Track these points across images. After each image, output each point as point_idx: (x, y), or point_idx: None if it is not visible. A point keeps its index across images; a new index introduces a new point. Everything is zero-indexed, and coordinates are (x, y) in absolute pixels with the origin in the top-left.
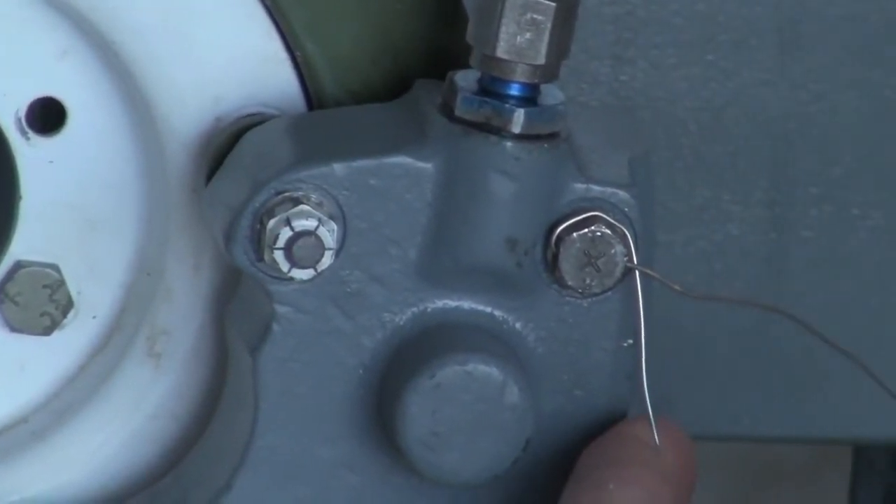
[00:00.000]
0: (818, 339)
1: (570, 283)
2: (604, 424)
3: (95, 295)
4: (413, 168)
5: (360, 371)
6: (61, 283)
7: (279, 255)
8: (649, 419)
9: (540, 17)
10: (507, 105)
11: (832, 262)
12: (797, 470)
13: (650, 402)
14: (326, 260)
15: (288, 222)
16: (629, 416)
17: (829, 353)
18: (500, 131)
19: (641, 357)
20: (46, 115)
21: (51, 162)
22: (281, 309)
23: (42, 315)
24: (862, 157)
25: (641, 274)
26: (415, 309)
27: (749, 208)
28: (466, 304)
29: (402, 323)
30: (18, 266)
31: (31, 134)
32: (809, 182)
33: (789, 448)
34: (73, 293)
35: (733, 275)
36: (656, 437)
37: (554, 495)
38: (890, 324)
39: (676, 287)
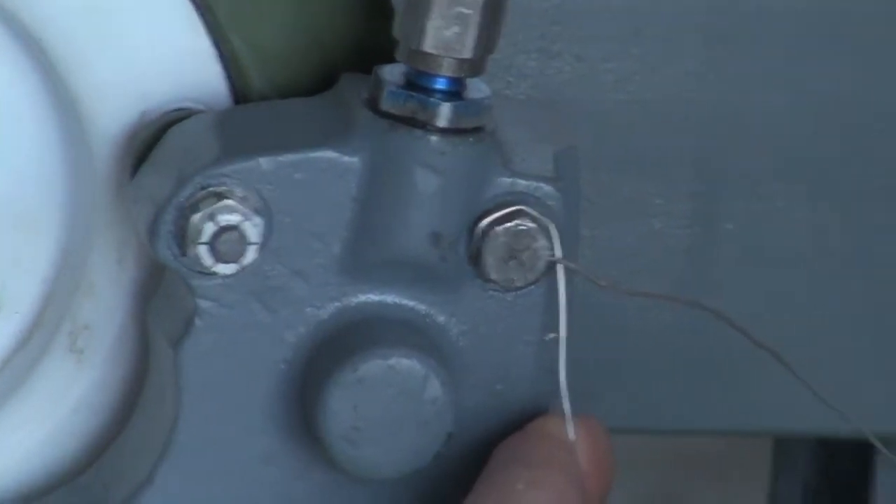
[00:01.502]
0: (740, 334)
1: (493, 276)
2: (525, 419)
3: (18, 290)
4: (338, 162)
5: (283, 365)
6: None
7: (203, 250)
8: (565, 415)
9: (467, 11)
10: (432, 99)
11: (755, 255)
12: (717, 463)
13: (569, 398)
14: (250, 255)
15: (212, 217)
16: (551, 410)
17: (750, 348)
18: (426, 125)
19: (562, 351)
20: None
21: None
22: (204, 303)
23: None
24: (787, 151)
25: (565, 268)
26: (338, 303)
27: (673, 202)
28: (390, 298)
29: (325, 317)
30: None
31: None
32: (734, 176)
33: (709, 441)
34: None
35: (657, 269)
36: (571, 433)
37: None
38: (813, 318)
39: (602, 283)
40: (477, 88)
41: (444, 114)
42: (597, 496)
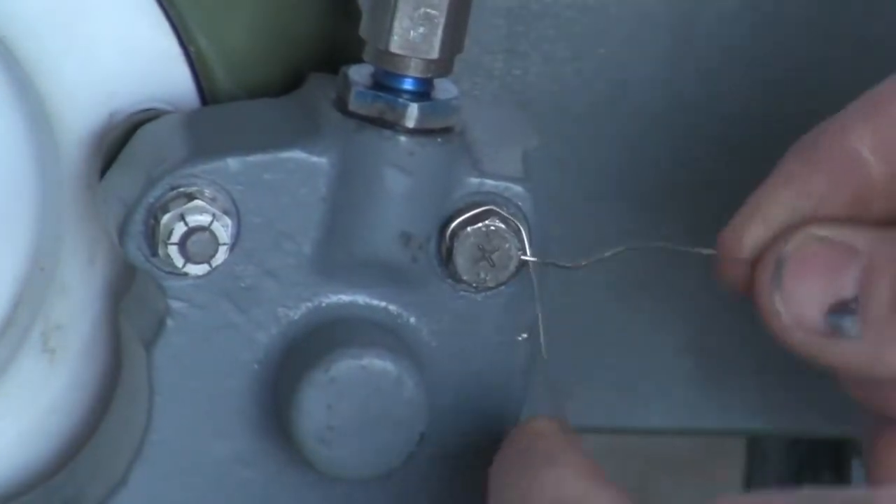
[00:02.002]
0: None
1: (464, 277)
2: (498, 419)
3: None
4: (307, 163)
5: (255, 366)
6: None
7: (173, 251)
8: (557, 412)
9: (433, 12)
10: (400, 99)
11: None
12: (689, 462)
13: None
14: (221, 255)
15: (182, 217)
16: (531, 410)
17: (723, 345)
18: (394, 126)
19: (542, 348)
20: None
21: None
22: (175, 304)
23: None
24: (757, 151)
25: (535, 268)
26: (309, 303)
27: (639, 202)
28: (361, 299)
29: (296, 317)
30: None
31: None
32: (702, 176)
33: (683, 440)
34: None
35: (622, 270)
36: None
37: (447, 490)
38: None
39: (569, 265)
40: (445, 89)
41: (413, 114)
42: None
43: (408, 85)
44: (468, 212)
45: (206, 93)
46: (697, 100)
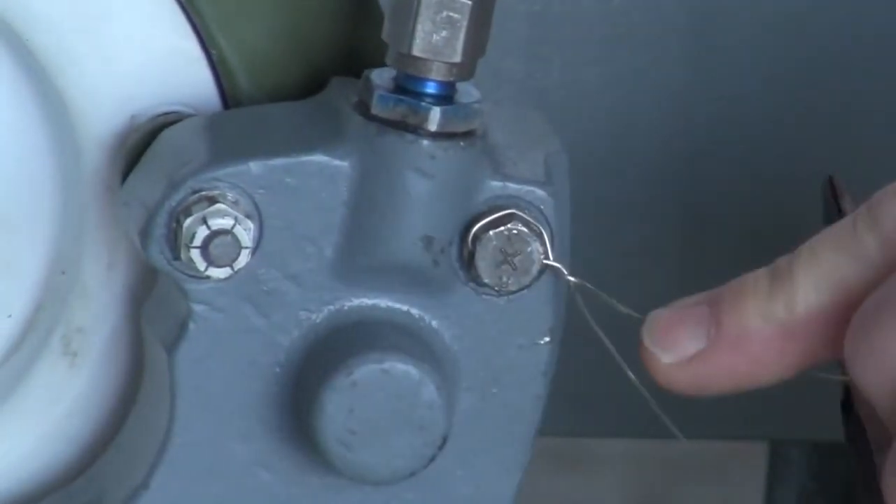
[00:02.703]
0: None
1: (486, 280)
2: (519, 422)
3: (10, 293)
4: (329, 166)
5: (277, 369)
6: None
7: (195, 254)
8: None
9: (456, 16)
10: (422, 103)
11: (744, 260)
12: (713, 467)
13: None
14: (243, 259)
15: (204, 221)
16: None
17: None
18: (416, 129)
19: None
20: None
21: None
22: (197, 307)
23: None
24: (777, 156)
25: (558, 271)
26: (331, 307)
27: (662, 207)
28: (383, 302)
29: (318, 321)
30: None
31: None
32: (724, 180)
33: (706, 444)
34: None
35: (647, 274)
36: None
37: (468, 493)
38: None
39: (620, 308)
40: (467, 92)
41: (435, 118)
42: None
43: (430, 88)
44: (490, 215)
45: (228, 96)
46: (719, 105)
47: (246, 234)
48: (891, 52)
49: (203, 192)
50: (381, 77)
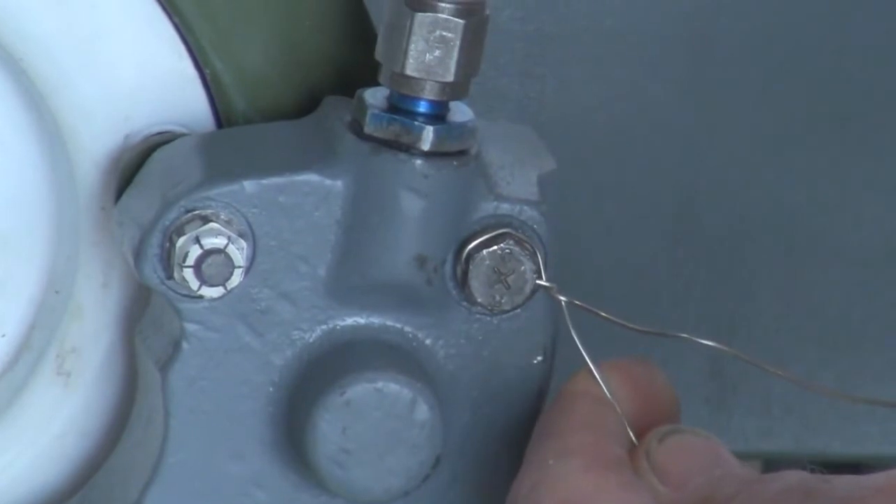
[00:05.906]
0: (724, 355)
1: (479, 300)
2: (513, 441)
3: (4, 313)
4: (322, 186)
5: (270, 388)
6: None
7: (189, 274)
8: (591, 370)
9: (449, 35)
10: (416, 122)
11: (733, 275)
12: None
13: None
14: (236, 278)
15: (197, 240)
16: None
17: (737, 367)
18: (410, 149)
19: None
20: None
21: None
22: (190, 327)
23: None
24: (779, 169)
25: (550, 291)
26: (324, 326)
27: (656, 223)
28: (376, 321)
29: (311, 340)
30: None
31: None
32: (714, 197)
33: None
34: None
35: (641, 292)
36: (604, 389)
37: None
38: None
39: (619, 322)
40: (460, 112)
41: (428, 137)
42: (652, 429)
43: (423, 108)
44: (484, 235)
45: (222, 115)
46: (714, 122)
47: (239, 253)
48: (890, 62)
49: (196, 212)
50: (375, 96)
